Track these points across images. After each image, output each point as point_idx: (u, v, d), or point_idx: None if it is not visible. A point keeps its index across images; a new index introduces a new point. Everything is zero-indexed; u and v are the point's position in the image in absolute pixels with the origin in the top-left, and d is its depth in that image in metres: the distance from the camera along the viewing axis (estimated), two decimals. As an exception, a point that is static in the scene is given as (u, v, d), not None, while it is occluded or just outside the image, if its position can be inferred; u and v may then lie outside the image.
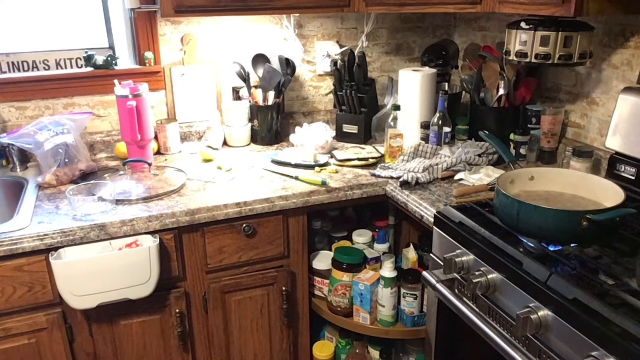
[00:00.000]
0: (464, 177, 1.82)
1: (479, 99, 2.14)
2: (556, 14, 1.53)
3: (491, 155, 1.97)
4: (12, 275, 1.49)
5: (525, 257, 1.23)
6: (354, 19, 2.42)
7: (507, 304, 1.26)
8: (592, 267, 1.21)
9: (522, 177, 1.48)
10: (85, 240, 1.53)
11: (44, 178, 1.80)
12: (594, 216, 1.20)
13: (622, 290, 1.09)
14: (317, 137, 2.09)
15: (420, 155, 2.00)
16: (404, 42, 2.55)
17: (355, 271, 1.92)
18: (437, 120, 2.06)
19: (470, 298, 1.38)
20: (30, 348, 1.57)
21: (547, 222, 1.25)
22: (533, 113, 2.02)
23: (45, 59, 2.14)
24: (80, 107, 2.12)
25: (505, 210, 1.34)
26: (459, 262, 1.38)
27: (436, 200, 1.68)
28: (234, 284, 1.78)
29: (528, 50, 1.72)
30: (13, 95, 2.02)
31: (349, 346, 2.08)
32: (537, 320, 1.13)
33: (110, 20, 2.20)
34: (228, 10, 1.89)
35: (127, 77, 2.03)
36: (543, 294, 1.14)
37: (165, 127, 2.11)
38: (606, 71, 1.83)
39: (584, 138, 1.96)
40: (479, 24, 2.40)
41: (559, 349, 1.11)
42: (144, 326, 1.70)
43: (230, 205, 1.67)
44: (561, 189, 1.47)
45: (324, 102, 2.50)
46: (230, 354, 1.86)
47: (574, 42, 1.66)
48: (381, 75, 2.55)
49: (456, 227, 1.44)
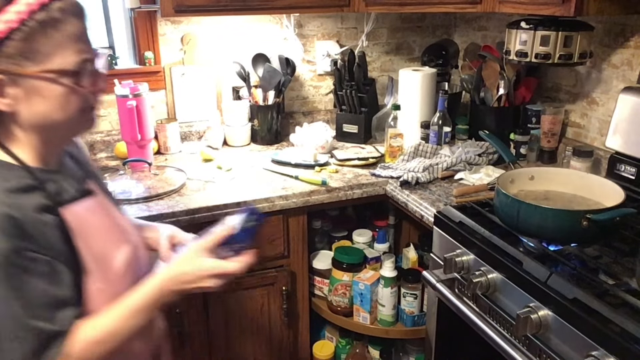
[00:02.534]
0: (464, 177, 1.82)
1: (479, 99, 2.14)
2: (556, 13, 1.53)
3: (491, 155, 1.97)
4: (12, 275, 1.49)
5: (526, 257, 1.23)
6: (354, 19, 2.42)
7: (507, 303, 1.26)
8: (592, 267, 1.21)
9: (522, 177, 1.48)
10: (85, 240, 1.53)
11: (44, 178, 1.79)
12: (594, 216, 1.20)
13: (622, 290, 1.09)
14: (317, 137, 2.09)
15: (421, 155, 2.00)
16: (404, 41, 2.55)
17: (356, 271, 1.92)
18: (437, 120, 2.06)
19: (470, 298, 1.38)
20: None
21: (547, 222, 1.25)
22: (533, 113, 2.02)
23: (45, 59, 2.14)
24: (81, 107, 2.11)
25: (506, 210, 1.34)
26: (459, 262, 1.38)
27: (436, 200, 1.68)
28: (233, 283, 1.78)
29: (528, 50, 1.72)
30: (13, 95, 2.01)
31: (349, 346, 2.08)
32: (537, 320, 1.13)
33: (110, 20, 2.20)
34: (228, 10, 1.89)
35: (127, 77, 2.03)
36: (543, 294, 1.14)
37: (165, 127, 2.11)
38: (606, 71, 1.83)
39: (584, 138, 1.96)
40: (479, 23, 2.40)
41: (559, 348, 1.11)
42: (144, 326, 1.69)
43: (230, 205, 1.67)
44: (561, 189, 1.47)
45: (324, 102, 2.49)
46: (230, 354, 1.86)
47: (574, 42, 1.66)
48: (381, 75, 2.55)
49: (456, 227, 1.44)
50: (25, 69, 0.82)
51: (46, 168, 0.93)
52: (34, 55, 0.82)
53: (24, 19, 0.80)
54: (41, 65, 0.83)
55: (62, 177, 0.96)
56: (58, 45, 0.84)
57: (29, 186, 0.88)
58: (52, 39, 0.83)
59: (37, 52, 0.82)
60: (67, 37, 0.84)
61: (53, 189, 0.91)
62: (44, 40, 0.82)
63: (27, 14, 0.80)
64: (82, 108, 0.90)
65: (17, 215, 0.82)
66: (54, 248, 0.87)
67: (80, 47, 0.87)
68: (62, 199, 0.92)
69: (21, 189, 0.86)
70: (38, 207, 0.86)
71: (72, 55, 0.85)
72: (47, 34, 0.82)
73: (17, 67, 0.82)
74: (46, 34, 0.82)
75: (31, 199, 0.86)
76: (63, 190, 0.94)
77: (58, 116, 0.88)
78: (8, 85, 0.84)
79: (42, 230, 0.85)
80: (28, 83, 0.84)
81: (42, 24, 0.82)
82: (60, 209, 0.90)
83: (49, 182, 0.91)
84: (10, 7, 0.80)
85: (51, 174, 0.93)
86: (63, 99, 0.87)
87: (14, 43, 0.81)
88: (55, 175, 0.94)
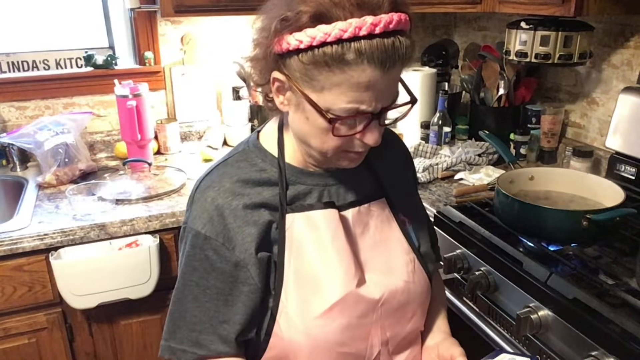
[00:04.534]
0: (464, 177, 1.82)
1: (479, 99, 2.14)
2: (556, 13, 1.53)
3: (491, 155, 1.97)
4: (12, 275, 1.49)
5: (525, 257, 1.23)
6: (354, 19, 2.42)
7: (507, 303, 1.26)
8: (592, 267, 1.21)
9: (522, 177, 1.48)
10: (85, 240, 1.53)
11: (44, 178, 1.80)
12: (594, 216, 1.20)
13: (622, 290, 1.09)
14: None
15: (421, 155, 2.00)
16: (404, 42, 2.54)
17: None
18: (437, 120, 2.06)
19: (470, 298, 1.38)
20: (30, 348, 1.57)
21: (547, 222, 1.25)
22: (533, 113, 2.02)
23: (45, 59, 2.14)
24: (80, 107, 2.12)
25: (505, 210, 1.34)
26: (459, 262, 1.38)
27: (436, 200, 1.67)
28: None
29: (528, 50, 1.72)
30: (13, 95, 2.01)
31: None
32: (537, 320, 1.13)
33: (110, 20, 2.20)
34: (228, 10, 1.89)
35: (127, 77, 2.03)
36: (543, 294, 1.14)
37: (165, 127, 2.11)
38: (606, 71, 1.83)
39: (584, 138, 1.96)
40: (479, 23, 2.40)
41: (559, 348, 1.11)
42: (144, 326, 1.70)
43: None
44: (561, 189, 1.46)
45: (324, 102, 2.49)
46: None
47: (574, 42, 1.66)
48: (381, 75, 2.55)
49: (456, 227, 1.44)
50: (301, 87, 0.78)
51: (305, 169, 0.90)
52: (311, 81, 0.77)
53: (312, 46, 0.74)
54: (314, 94, 0.78)
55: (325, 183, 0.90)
56: (335, 85, 0.76)
57: (267, 180, 0.87)
58: (332, 76, 0.75)
59: (315, 80, 0.77)
60: (349, 81, 0.75)
61: (296, 191, 0.88)
62: (326, 75, 0.75)
63: (319, 42, 0.73)
64: (341, 148, 0.83)
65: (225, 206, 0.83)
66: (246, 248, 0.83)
67: (360, 97, 0.76)
68: (298, 204, 0.88)
69: (255, 181, 0.86)
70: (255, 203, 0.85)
71: (345, 101, 0.77)
72: (330, 70, 0.75)
73: (297, 82, 0.78)
74: (330, 70, 0.75)
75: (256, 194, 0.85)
76: (309, 196, 0.89)
77: (313, 143, 0.83)
78: (289, 90, 0.81)
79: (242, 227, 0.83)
80: (300, 99, 0.80)
81: (330, 58, 0.74)
82: (288, 214, 0.86)
83: (297, 184, 0.88)
84: (308, 30, 0.73)
85: (305, 176, 0.90)
86: (322, 131, 0.81)
87: (298, 61, 0.76)
88: (312, 178, 0.90)
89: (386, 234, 0.93)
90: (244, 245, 0.83)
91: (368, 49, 0.73)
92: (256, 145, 0.90)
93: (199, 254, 0.84)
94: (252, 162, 0.88)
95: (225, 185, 0.85)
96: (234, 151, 0.92)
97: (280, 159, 0.88)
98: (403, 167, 1.04)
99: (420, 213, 1.05)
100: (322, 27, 0.73)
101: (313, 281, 0.84)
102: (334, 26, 0.72)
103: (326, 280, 0.84)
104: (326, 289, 0.84)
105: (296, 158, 0.89)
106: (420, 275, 0.95)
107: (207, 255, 0.84)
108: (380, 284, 0.89)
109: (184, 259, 0.87)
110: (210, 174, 0.89)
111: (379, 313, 0.88)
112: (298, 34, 0.74)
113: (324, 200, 0.89)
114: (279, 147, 0.89)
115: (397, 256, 0.93)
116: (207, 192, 0.85)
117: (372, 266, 0.90)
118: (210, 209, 0.84)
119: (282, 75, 0.79)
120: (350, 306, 0.85)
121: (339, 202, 0.90)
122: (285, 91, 0.82)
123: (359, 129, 0.80)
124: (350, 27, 0.72)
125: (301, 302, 0.84)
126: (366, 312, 0.87)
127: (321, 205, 0.88)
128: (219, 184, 0.85)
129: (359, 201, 0.92)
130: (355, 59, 0.73)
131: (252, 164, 0.88)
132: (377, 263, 0.91)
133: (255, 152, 0.89)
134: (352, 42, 0.72)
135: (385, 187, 0.96)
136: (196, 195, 0.87)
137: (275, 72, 0.80)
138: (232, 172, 0.87)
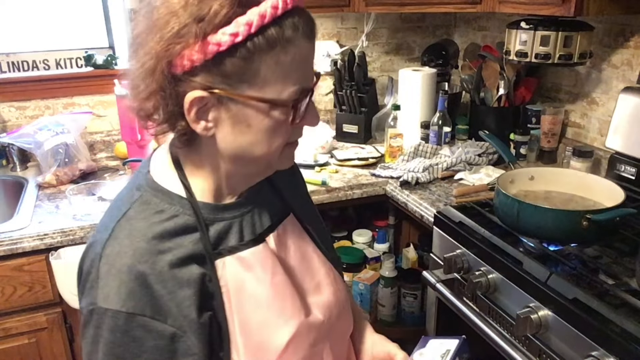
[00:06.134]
0: (464, 177, 1.82)
1: (479, 99, 2.14)
2: (556, 13, 1.53)
3: (491, 155, 1.97)
4: (12, 275, 1.49)
5: (526, 257, 1.23)
6: (354, 19, 2.42)
7: (507, 303, 1.26)
8: (592, 267, 1.21)
9: (522, 177, 1.48)
10: (85, 240, 1.53)
11: (44, 178, 1.80)
12: (594, 216, 1.20)
13: (622, 290, 1.09)
14: (317, 137, 2.09)
15: (421, 155, 2.00)
16: (404, 42, 2.55)
17: (356, 271, 1.92)
18: (437, 120, 2.06)
19: (470, 298, 1.38)
20: (30, 348, 1.57)
21: (547, 222, 1.25)
22: (533, 113, 2.02)
23: (45, 59, 2.14)
24: (80, 107, 2.12)
25: (505, 210, 1.34)
26: (459, 262, 1.38)
27: (436, 200, 1.67)
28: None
29: (528, 50, 1.72)
30: (13, 95, 2.01)
31: (349, 346, 2.08)
32: (537, 320, 1.13)
33: (110, 20, 2.20)
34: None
35: (127, 77, 2.03)
36: (543, 294, 1.14)
37: (165, 127, 2.11)
38: (606, 71, 1.83)
39: (584, 138, 1.96)
40: (479, 23, 2.40)
41: (559, 349, 1.11)
42: (144, 326, 1.69)
43: (230, 205, 1.67)
44: (561, 189, 1.47)
45: (324, 102, 2.49)
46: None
47: (574, 42, 1.66)
48: (381, 75, 2.55)
49: (456, 227, 1.44)
50: (237, 91, 0.67)
51: (219, 203, 0.78)
52: (251, 78, 0.67)
53: (251, 34, 0.64)
54: (257, 91, 0.68)
55: (241, 213, 0.79)
56: (281, 71, 0.68)
57: (184, 227, 0.73)
58: (277, 63, 0.67)
59: (256, 75, 0.67)
60: (293, 62, 0.68)
61: (216, 231, 0.75)
62: (269, 63, 0.67)
63: (257, 28, 0.64)
64: (287, 142, 0.75)
65: (148, 271, 0.68)
66: (184, 315, 0.70)
67: (302, 75, 0.71)
68: (224, 246, 0.76)
69: (171, 232, 0.71)
70: (181, 259, 0.71)
71: (292, 84, 0.69)
72: (274, 56, 0.66)
73: (229, 89, 0.67)
74: (273, 55, 0.66)
75: (178, 246, 0.71)
76: (231, 232, 0.77)
77: (259, 150, 0.72)
78: (213, 107, 0.68)
79: (174, 292, 0.69)
80: (235, 108, 0.69)
81: (271, 43, 0.66)
82: (217, 260, 0.74)
83: (215, 222, 0.76)
84: (240, 19, 0.64)
85: (222, 211, 0.77)
86: (270, 132, 0.71)
87: (233, 60, 0.65)
88: (229, 211, 0.78)
89: (304, 250, 0.86)
90: (181, 312, 0.69)
91: (300, 21, 0.68)
92: (154, 187, 0.74)
93: (123, 338, 0.68)
94: (158, 209, 0.72)
95: (141, 246, 0.69)
96: (127, 200, 0.75)
97: (190, 198, 0.74)
98: (291, 171, 0.94)
99: (317, 217, 0.98)
100: (253, 10, 0.64)
101: (263, 327, 0.76)
102: (265, 5, 0.64)
103: (276, 322, 0.77)
104: (278, 330, 0.76)
105: (206, 193, 0.76)
106: (339, 281, 0.91)
107: (134, 337, 0.68)
108: (319, 304, 0.84)
109: (102, 350, 0.69)
110: (114, 237, 0.71)
111: (326, 334, 0.84)
112: (228, 28, 0.64)
113: (246, 232, 0.78)
114: (184, 186, 0.75)
115: (318, 269, 0.87)
116: (118, 260, 0.69)
117: (307, 288, 0.84)
118: (128, 280, 0.68)
119: (203, 92, 0.66)
120: (303, 338, 0.79)
121: (259, 230, 0.80)
122: (208, 111, 0.69)
123: (303, 110, 0.73)
124: (279, 2, 0.65)
125: (255, 352, 0.75)
126: (317, 338, 0.82)
127: (249, 244, 0.77)
128: (131, 247, 0.69)
129: (274, 224, 0.83)
130: (294, 35, 0.67)
131: (159, 211, 0.72)
132: (307, 284, 0.84)
133: (157, 196, 0.73)
134: (286, 18, 0.66)
135: (289, 200, 0.89)
136: (102, 268, 0.69)
137: (191, 94, 0.66)
138: (141, 228, 0.71)
